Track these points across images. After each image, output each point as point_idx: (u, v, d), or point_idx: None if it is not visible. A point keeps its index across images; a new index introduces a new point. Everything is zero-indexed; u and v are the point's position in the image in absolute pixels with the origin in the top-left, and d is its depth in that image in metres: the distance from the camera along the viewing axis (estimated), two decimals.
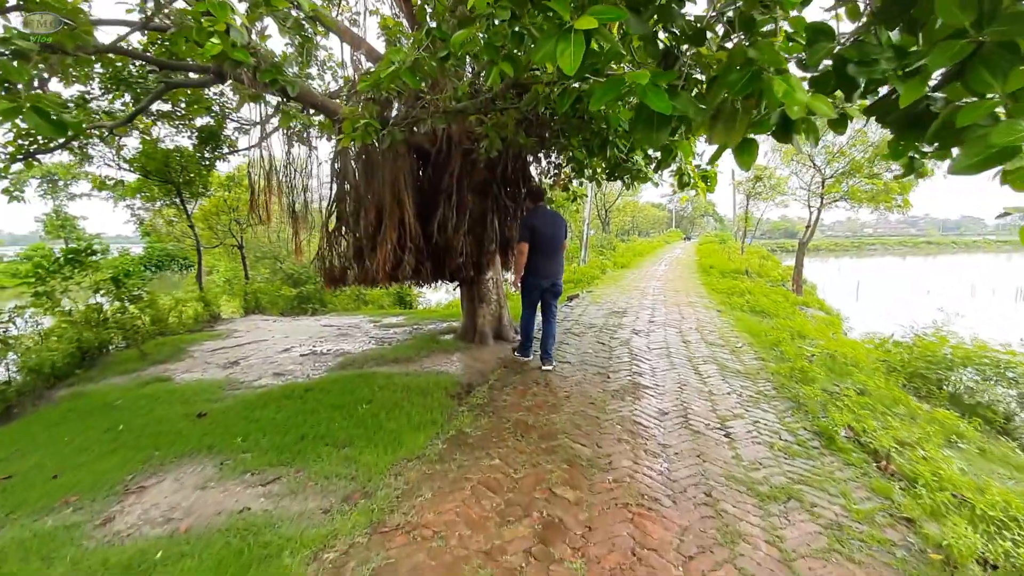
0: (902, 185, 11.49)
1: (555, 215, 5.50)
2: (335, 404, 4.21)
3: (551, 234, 5.24)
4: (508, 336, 7.06)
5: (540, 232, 5.20)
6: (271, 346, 7.27)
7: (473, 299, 7.18)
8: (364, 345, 7.12)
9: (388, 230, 6.09)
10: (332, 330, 8.35)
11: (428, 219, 6.81)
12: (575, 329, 6.91)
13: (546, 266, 5.23)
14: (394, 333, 7.96)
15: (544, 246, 5.19)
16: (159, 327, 8.65)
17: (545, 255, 5.22)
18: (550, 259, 5.24)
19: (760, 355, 5.46)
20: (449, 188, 6.69)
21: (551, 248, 5.22)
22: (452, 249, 6.72)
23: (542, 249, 5.20)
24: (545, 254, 5.22)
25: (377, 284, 6.34)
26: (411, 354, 6.13)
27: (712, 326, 7.02)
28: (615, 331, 6.67)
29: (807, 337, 6.51)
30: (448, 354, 6.23)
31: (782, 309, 8.31)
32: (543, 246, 5.19)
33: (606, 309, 8.59)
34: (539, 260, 5.22)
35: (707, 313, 8.03)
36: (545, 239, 5.20)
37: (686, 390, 4.25)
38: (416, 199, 6.71)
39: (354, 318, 9.83)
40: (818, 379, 4.52)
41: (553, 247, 5.23)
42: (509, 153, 7.05)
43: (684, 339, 6.19)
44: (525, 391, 4.31)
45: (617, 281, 13.42)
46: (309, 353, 6.74)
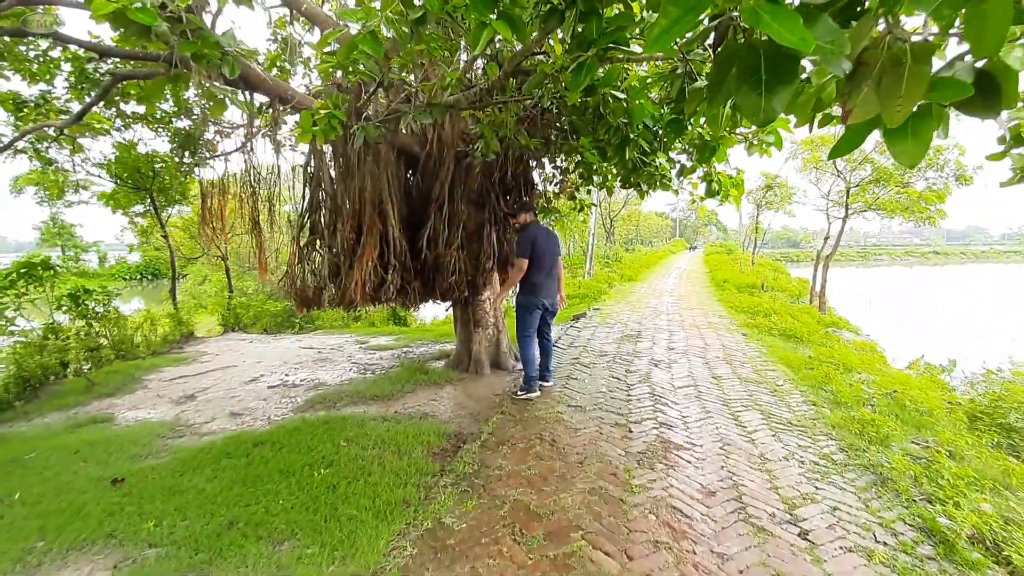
0: (938, 194, 10.64)
1: (550, 230, 5.09)
2: (286, 468, 3.32)
3: (551, 250, 4.85)
4: (507, 365, 6.17)
5: (541, 248, 4.78)
6: (238, 374, 6.39)
7: (468, 323, 6.32)
8: (344, 374, 6.25)
9: (368, 245, 5.24)
10: (312, 353, 7.48)
11: (416, 232, 5.97)
12: (584, 358, 6.02)
13: (547, 285, 4.85)
14: (380, 358, 7.09)
15: (545, 263, 4.79)
16: (122, 349, 7.79)
17: (546, 273, 4.82)
18: (550, 277, 4.87)
19: (808, 397, 4.56)
20: (440, 197, 5.85)
21: (550, 265, 4.84)
22: (443, 266, 5.88)
23: (542, 266, 4.79)
24: (546, 272, 4.82)
25: (355, 307, 5.48)
26: (394, 389, 5.25)
27: (741, 355, 6.12)
28: (631, 361, 5.77)
29: (853, 370, 5.61)
30: (437, 388, 5.34)
31: (814, 333, 7.41)
32: (544, 263, 4.79)
33: (617, 332, 7.70)
34: (540, 279, 4.80)
35: (732, 338, 7.14)
36: (545, 256, 4.79)
37: (731, 453, 3.35)
38: (403, 209, 5.88)
39: (340, 337, 8.96)
40: (892, 435, 3.62)
41: (552, 264, 4.86)
42: (509, 157, 6.23)
43: (713, 373, 5.29)
44: (527, 451, 3.42)
45: (626, 296, 12.52)
46: (279, 384, 5.87)
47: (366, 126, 4.04)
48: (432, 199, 5.85)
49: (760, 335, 7.25)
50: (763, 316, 8.64)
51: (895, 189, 11.03)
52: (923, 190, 10.93)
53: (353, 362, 6.90)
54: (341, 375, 6.18)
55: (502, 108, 4.87)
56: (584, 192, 7.58)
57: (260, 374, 6.38)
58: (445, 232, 5.80)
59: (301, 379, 6.08)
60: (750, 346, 6.58)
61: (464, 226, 6.02)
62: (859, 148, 11.79)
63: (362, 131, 4.03)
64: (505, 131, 4.84)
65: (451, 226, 5.90)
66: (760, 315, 8.76)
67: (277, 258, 6.76)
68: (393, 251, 5.52)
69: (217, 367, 6.83)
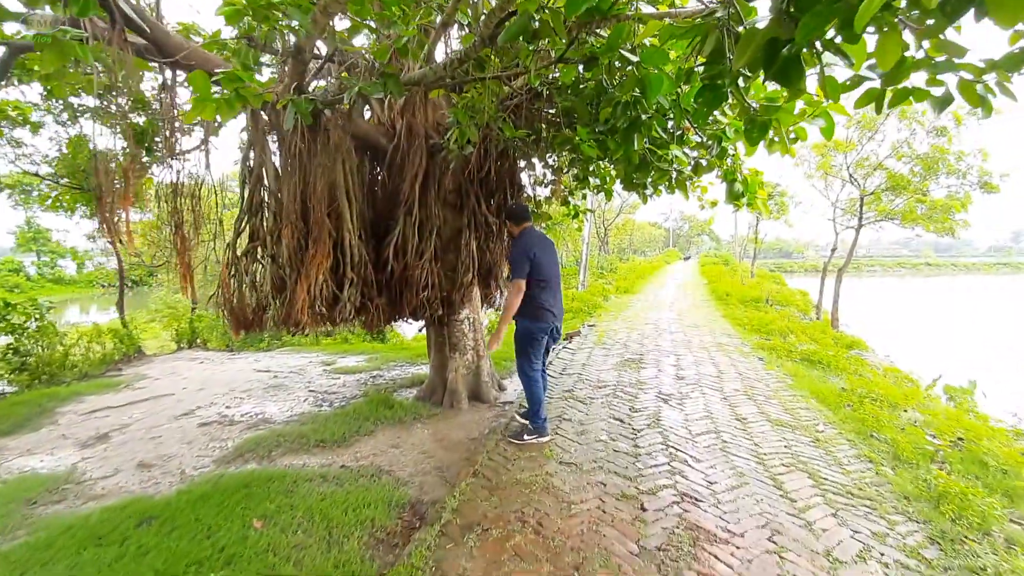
0: (960, 202, 9.87)
1: (545, 236, 4.21)
2: (164, 570, 2.36)
3: (550, 261, 3.96)
4: (488, 396, 5.24)
5: (543, 262, 3.87)
6: (172, 406, 5.40)
7: (443, 346, 5.39)
8: (295, 406, 5.28)
9: (316, 255, 4.30)
10: (266, 378, 6.49)
11: (382, 240, 5.06)
12: (580, 390, 5.09)
13: (554, 304, 3.90)
14: (343, 385, 6.13)
15: (550, 278, 3.88)
16: (47, 371, 6.78)
17: (552, 290, 3.89)
18: (556, 293, 3.94)
19: (860, 449, 3.66)
20: (410, 199, 4.94)
21: (554, 278, 3.92)
22: (413, 280, 4.95)
23: (549, 283, 3.87)
24: (552, 289, 3.90)
25: (303, 329, 4.53)
26: (347, 430, 4.29)
27: (764, 387, 5.22)
28: (635, 396, 4.84)
29: (898, 406, 4.73)
30: (401, 429, 4.40)
31: (839, 358, 6.53)
32: (550, 278, 3.88)
33: (616, 355, 6.78)
34: (546, 297, 3.85)
35: (748, 363, 6.24)
36: (550, 270, 3.90)
37: (786, 549, 2.42)
38: (365, 212, 4.97)
39: (306, 357, 7.98)
40: (987, 511, 2.71)
41: (556, 277, 3.95)
42: (491, 152, 5.33)
43: (736, 413, 4.38)
44: (502, 542, 2.48)
45: (623, 311, 11.62)
46: (213, 421, 4.89)
47: (297, 100, 3.13)
48: (400, 201, 4.94)
49: (779, 360, 6.36)
50: (779, 336, 7.75)
51: (914, 197, 10.23)
52: (945, 198, 10.16)
53: (311, 390, 5.93)
54: (291, 408, 5.21)
55: (480, 87, 3.99)
56: (579, 197, 6.71)
57: (197, 406, 5.40)
58: (415, 239, 4.89)
59: (243, 413, 5.11)
60: (771, 374, 5.68)
61: (438, 233, 5.13)
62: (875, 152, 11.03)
63: (293, 107, 3.12)
64: (484, 117, 3.94)
65: (422, 233, 5.00)
66: (775, 335, 7.88)
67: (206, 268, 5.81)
68: (350, 262, 4.59)
69: (151, 395, 5.83)
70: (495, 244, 5.65)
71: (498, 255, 5.70)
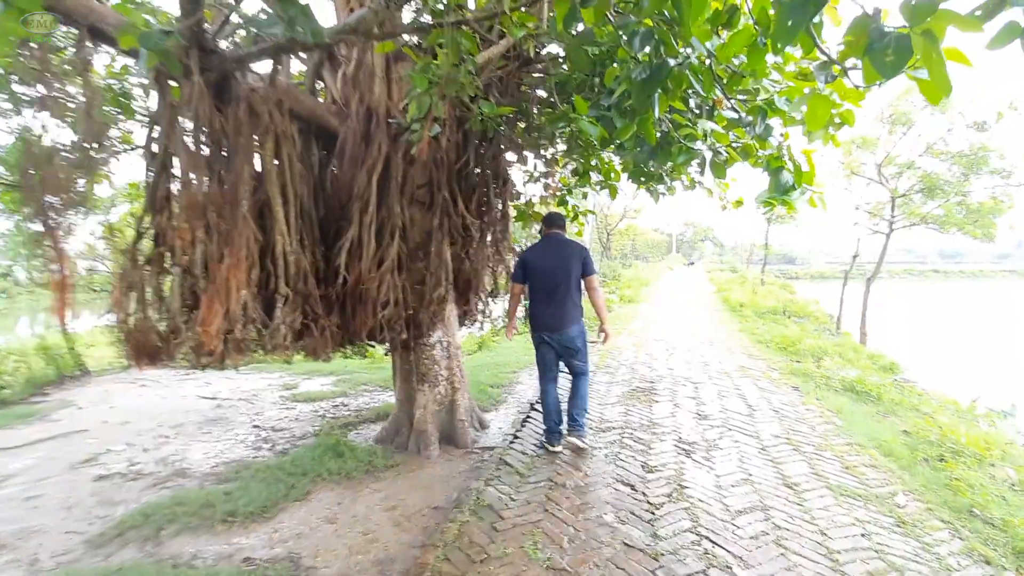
0: (995, 204, 8.85)
1: (564, 242, 3.89)
2: None
3: (551, 269, 3.71)
4: (464, 439, 4.25)
5: (536, 271, 3.77)
6: (77, 448, 4.42)
7: (409, 376, 4.39)
8: (226, 450, 4.29)
9: (232, 265, 3.31)
10: (207, 408, 5.49)
11: (333, 245, 4.08)
12: (575, 440, 4.06)
13: (545, 315, 3.74)
14: (296, 418, 5.13)
15: (543, 288, 3.75)
16: None
17: (544, 299, 3.75)
18: (551, 304, 3.71)
19: (964, 538, 2.64)
20: (366, 194, 3.96)
21: (551, 288, 3.70)
22: (368, 295, 3.96)
23: (540, 292, 3.78)
24: (544, 297, 3.75)
25: (220, 360, 3.54)
26: (273, 494, 3.29)
27: (808, 430, 4.19)
28: (648, 445, 3.81)
29: (983, 458, 3.70)
30: (347, 490, 3.41)
31: (888, 389, 5.49)
32: (542, 288, 3.76)
33: (622, 381, 5.75)
34: (535, 306, 3.82)
35: (781, 394, 5.20)
36: (543, 277, 3.74)
37: None
38: (312, 211, 3.99)
39: (267, 378, 6.98)
40: None
41: (554, 287, 3.69)
42: (469, 138, 4.35)
43: (782, 473, 3.35)
44: None
45: (628, 324, 10.57)
46: (115, 473, 3.90)
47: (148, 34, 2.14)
48: (355, 196, 3.96)
49: (817, 390, 5.33)
50: (810, 359, 6.71)
51: (952, 200, 9.18)
52: (988, 199, 9.14)
53: (255, 426, 4.93)
54: (221, 454, 4.21)
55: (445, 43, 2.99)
56: (580, 196, 5.72)
57: (108, 448, 4.40)
58: (371, 245, 3.90)
59: (158, 460, 4.10)
60: (811, 411, 4.65)
61: (403, 236, 4.15)
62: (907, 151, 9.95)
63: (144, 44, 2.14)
64: (454, 86, 2.95)
65: (382, 236, 4.01)
66: (805, 356, 6.84)
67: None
68: (283, 273, 3.59)
69: (61, 432, 4.83)
70: (476, 251, 4.66)
71: (480, 264, 4.70)
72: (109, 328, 3.49)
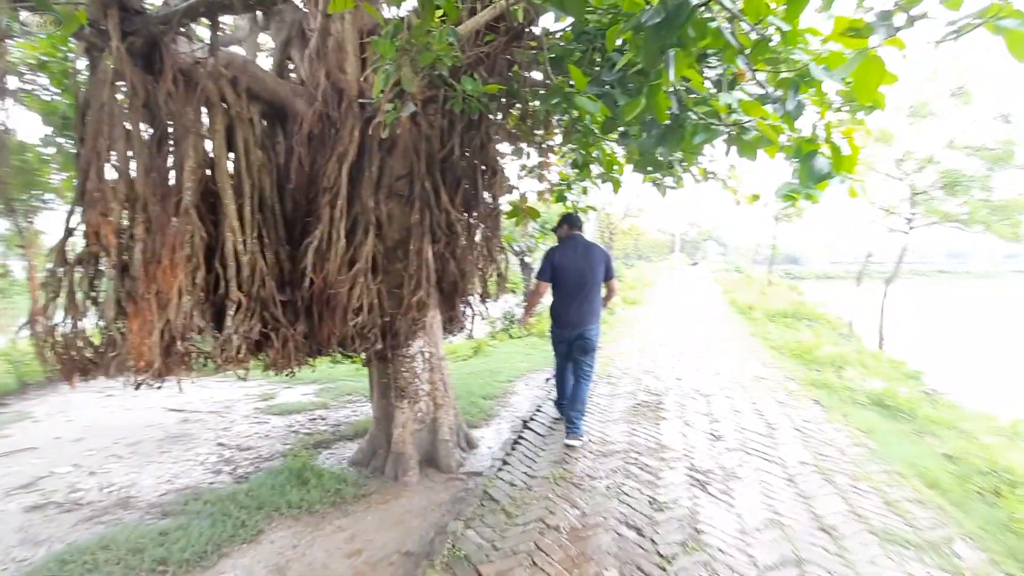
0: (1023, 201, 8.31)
1: (589, 246, 4.14)
2: None
3: (578, 271, 3.97)
4: (448, 462, 3.78)
5: (562, 269, 4.00)
6: (20, 468, 3.97)
7: (387, 391, 3.91)
8: (181, 473, 3.84)
9: (170, 264, 2.85)
10: (173, 421, 5.04)
11: (299, 243, 3.62)
12: (574, 461, 3.57)
13: (568, 313, 4.02)
14: (267, 434, 4.67)
15: (569, 288, 4.01)
16: None
17: (568, 298, 4.02)
18: (574, 303, 3.99)
19: None
20: (336, 185, 3.48)
21: (575, 288, 3.97)
22: (338, 300, 3.49)
23: (565, 292, 4.02)
24: (568, 297, 4.02)
25: (158, 376, 3.08)
26: (217, 535, 2.82)
27: (838, 454, 3.68)
28: (656, 475, 3.31)
29: None
30: (306, 528, 2.93)
31: (920, 403, 4.98)
32: (567, 288, 4.01)
33: (626, 393, 5.26)
34: (559, 305, 4.08)
35: (802, 409, 4.70)
36: (568, 278, 4.00)
37: None
38: (274, 204, 3.53)
39: (244, 387, 6.50)
40: None
41: (578, 288, 3.97)
42: (455, 124, 3.88)
43: (814, 513, 2.85)
44: None
45: (631, 328, 10.06)
46: (49, 503, 3.44)
47: None
48: (324, 188, 3.49)
49: (842, 405, 4.82)
50: (830, 367, 6.20)
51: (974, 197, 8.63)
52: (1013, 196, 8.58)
53: (219, 443, 4.47)
54: (173, 479, 3.75)
55: None
56: (580, 191, 5.22)
57: (51, 470, 3.94)
58: (340, 243, 3.42)
59: (101, 487, 3.65)
60: (839, 431, 4.14)
61: (379, 234, 3.68)
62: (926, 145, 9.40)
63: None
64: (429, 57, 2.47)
65: (354, 234, 3.54)
66: (824, 365, 6.32)
67: None
68: (237, 276, 3.12)
69: (8, 449, 4.38)
70: (463, 250, 4.18)
71: (468, 265, 4.22)
72: (32, 339, 3.03)
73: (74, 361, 3.07)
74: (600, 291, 4.09)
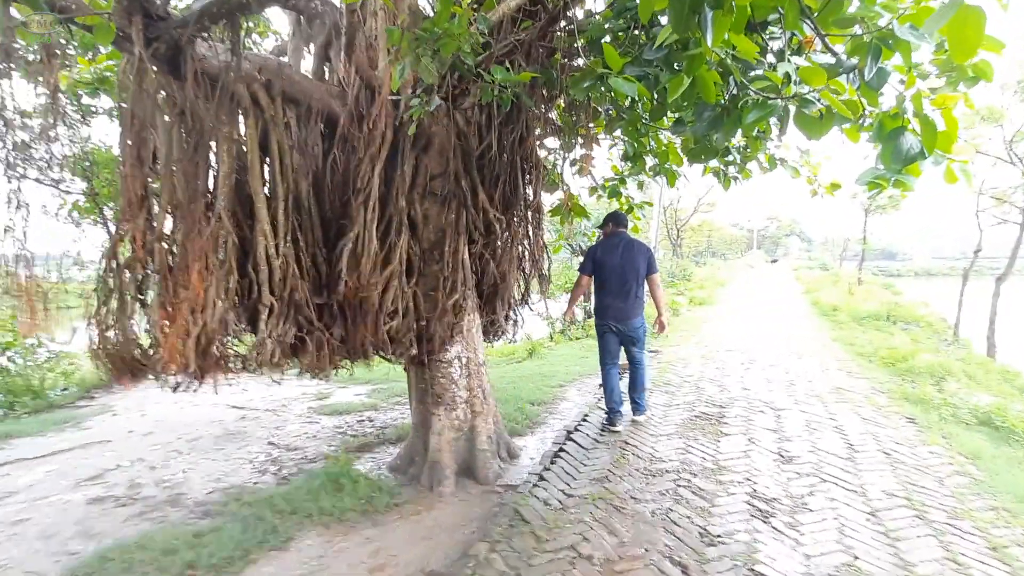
0: None
1: (631, 242, 4.28)
2: None
3: (619, 266, 4.12)
4: (486, 473, 3.61)
5: (604, 265, 4.17)
6: (92, 460, 4.26)
7: (424, 397, 3.80)
8: (230, 471, 3.95)
9: (199, 269, 2.87)
10: (231, 418, 5.24)
11: (333, 245, 3.59)
12: (617, 480, 3.27)
13: (612, 307, 4.18)
14: (316, 434, 4.74)
15: (610, 282, 4.17)
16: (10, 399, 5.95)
17: (610, 293, 4.18)
18: (617, 298, 4.15)
19: None
20: (368, 186, 3.40)
21: (618, 284, 4.13)
22: (370, 304, 3.41)
23: (607, 286, 4.20)
24: (610, 292, 4.18)
25: (197, 378, 3.14)
26: (248, 539, 2.82)
27: (935, 485, 3.13)
28: (712, 501, 2.95)
29: None
30: (336, 535, 2.88)
31: None
32: (609, 282, 4.17)
33: (683, 403, 4.85)
34: (602, 298, 4.25)
35: (891, 428, 4.09)
36: (611, 273, 4.15)
37: None
38: (311, 208, 3.51)
39: (303, 385, 6.70)
40: None
41: (620, 283, 4.12)
42: (493, 118, 3.71)
43: (901, 559, 2.39)
44: None
45: (696, 330, 9.45)
46: (109, 496, 3.62)
47: None
48: (356, 189, 3.42)
49: (941, 423, 4.16)
50: (928, 379, 5.41)
51: None
52: None
53: (270, 442, 4.57)
54: (223, 476, 3.85)
55: None
56: (634, 185, 4.87)
57: (118, 464, 4.18)
58: (373, 245, 3.33)
59: (157, 482, 3.81)
60: (936, 454, 3.55)
61: (413, 235, 3.57)
62: None
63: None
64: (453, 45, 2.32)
65: (387, 235, 3.45)
66: (921, 376, 5.54)
67: None
68: (269, 280, 3.11)
69: (85, 441, 4.71)
70: (503, 251, 3.99)
71: (508, 267, 4.03)
72: (89, 342, 3.18)
73: (124, 363, 3.20)
74: (643, 286, 4.22)
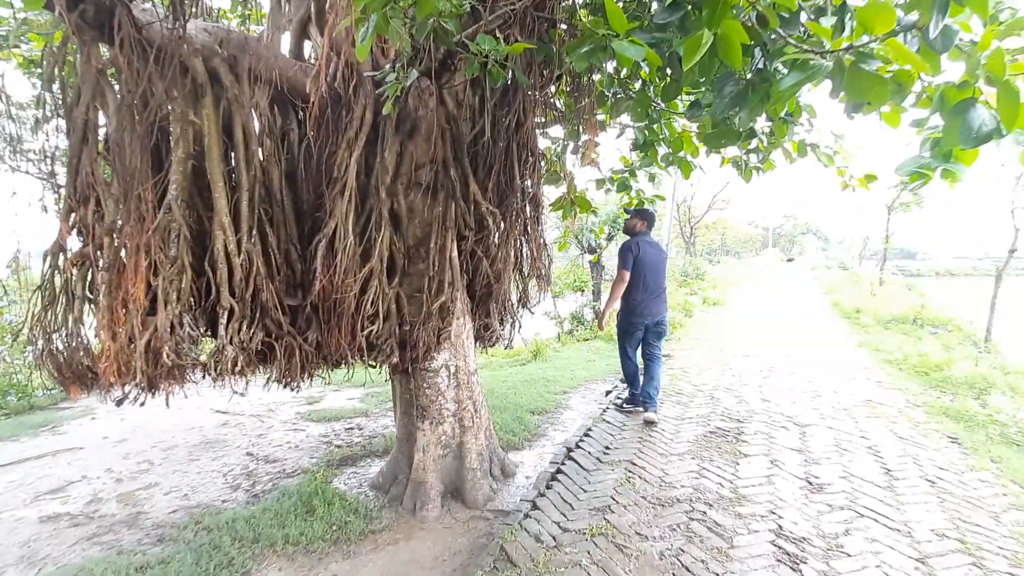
0: None
1: (656, 242, 4.45)
2: None
3: (655, 265, 4.27)
4: (475, 495, 3.25)
5: (646, 264, 4.23)
6: (56, 471, 3.96)
7: (409, 409, 3.44)
8: (199, 486, 3.62)
9: (135, 258, 2.53)
10: (212, 425, 4.93)
11: (309, 241, 3.24)
12: (621, 510, 2.88)
13: (650, 304, 4.28)
14: (299, 444, 4.41)
15: (649, 281, 4.26)
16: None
17: (647, 290, 4.27)
18: (653, 296, 4.28)
19: None
20: (345, 175, 3.04)
21: (656, 281, 4.29)
22: (346, 307, 3.06)
23: (646, 284, 4.26)
24: (647, 289, 4.27)
25: (148, 389, 2.81)
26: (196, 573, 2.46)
27: (988, 521, 2.70)
28: (731, 538, 2.56)
29: None
30: (302, 572, 2.51)
31: None
32: (647, 281, 4.26)
33: (697, 417, 4.43)
34: (641, 297, 4.28)
35: (932, 450, 3.65)
36: (650, 272, 4.25)
37: None
38: (282, 199, 3.18)
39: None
40: None
41: (656, 281, 4.29)
42: (484, 100, 3.34)
43: None
44: None
45: (710, 334, 8.97)
46: (64, 515, 3.30)
47: None
48: (333, 178, 3.08)
49: (989, 444, 3.71)
50: (967, 390, 4.93)
51: None
52: None
53: (248, 452, 4.26)
54: (190, 492, 3.54)
55: None
56: (645, 177, 4.46)
57: (83, 475, 3.89)
58: (349, 240, 2.98)
59: (120, 497, 3.50)
60: (987, 483, 3.11)
61: (397, 230, 3.22)
62: None
63: None
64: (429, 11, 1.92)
65: (366, 230, 3.10)
66: (959, 387, 5.05)
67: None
68: (229, 275, 2.78)
69: (58, 448, 4.45)
70: (498, 249, 3.61)
71: (504, 266, 3.64)
72: (32, 349, 2.86)
73: (72, 371, 2.89)
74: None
